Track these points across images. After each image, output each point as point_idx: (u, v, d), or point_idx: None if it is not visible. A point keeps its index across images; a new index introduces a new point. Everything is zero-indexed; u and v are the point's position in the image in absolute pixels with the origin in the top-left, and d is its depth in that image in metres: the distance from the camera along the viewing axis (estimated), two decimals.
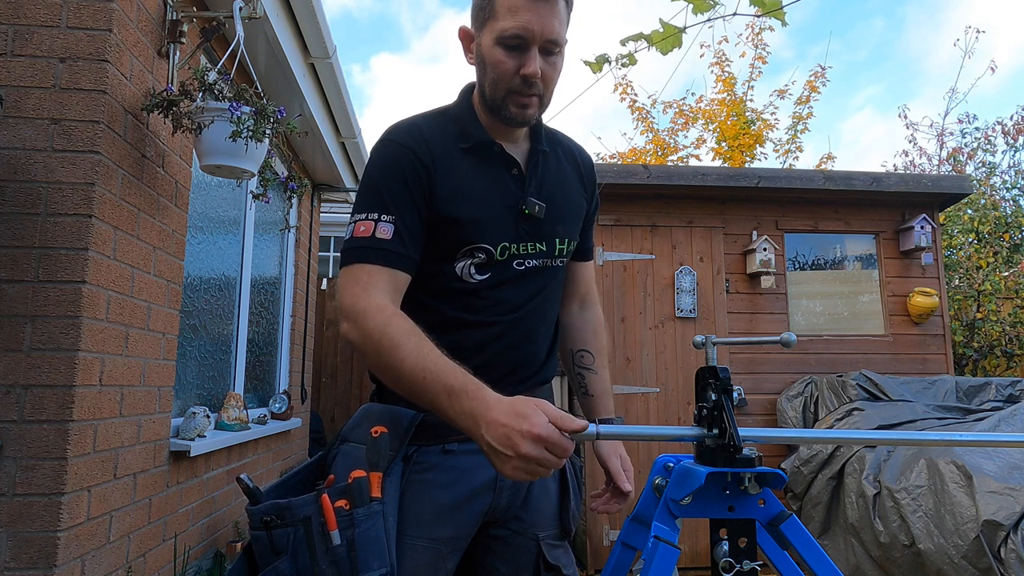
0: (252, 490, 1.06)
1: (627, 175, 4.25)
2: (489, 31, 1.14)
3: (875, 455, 3.31)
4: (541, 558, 1.21)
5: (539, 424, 0.89)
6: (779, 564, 0.98)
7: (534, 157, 1.26)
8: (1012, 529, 2.55)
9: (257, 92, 2.39)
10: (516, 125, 1.20)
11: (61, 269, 2.01)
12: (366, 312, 1.07)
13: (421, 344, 1.02)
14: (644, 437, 0.98)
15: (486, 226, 1.18)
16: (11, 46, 2.09)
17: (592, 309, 1.47)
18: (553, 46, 1.13)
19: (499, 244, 1.19)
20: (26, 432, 1.95)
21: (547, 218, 1.24)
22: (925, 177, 4.75)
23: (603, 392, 1.41)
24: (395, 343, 1.03)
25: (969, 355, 5.95)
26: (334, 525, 1.03)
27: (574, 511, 1.29)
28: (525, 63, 1.12)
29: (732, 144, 9.04)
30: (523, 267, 1.22)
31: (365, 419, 1.19)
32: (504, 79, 1.14)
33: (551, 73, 1.16)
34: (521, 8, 1.10)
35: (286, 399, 4.32)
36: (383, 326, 1.04)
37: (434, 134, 1.20)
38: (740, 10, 1.66)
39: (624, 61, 1.84)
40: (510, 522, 1.22)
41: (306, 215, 5.02)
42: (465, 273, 1.19)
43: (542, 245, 1.24)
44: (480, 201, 1.18)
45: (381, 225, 1.12)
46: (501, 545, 1.22)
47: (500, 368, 1.20)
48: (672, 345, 4.22)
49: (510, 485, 1.21)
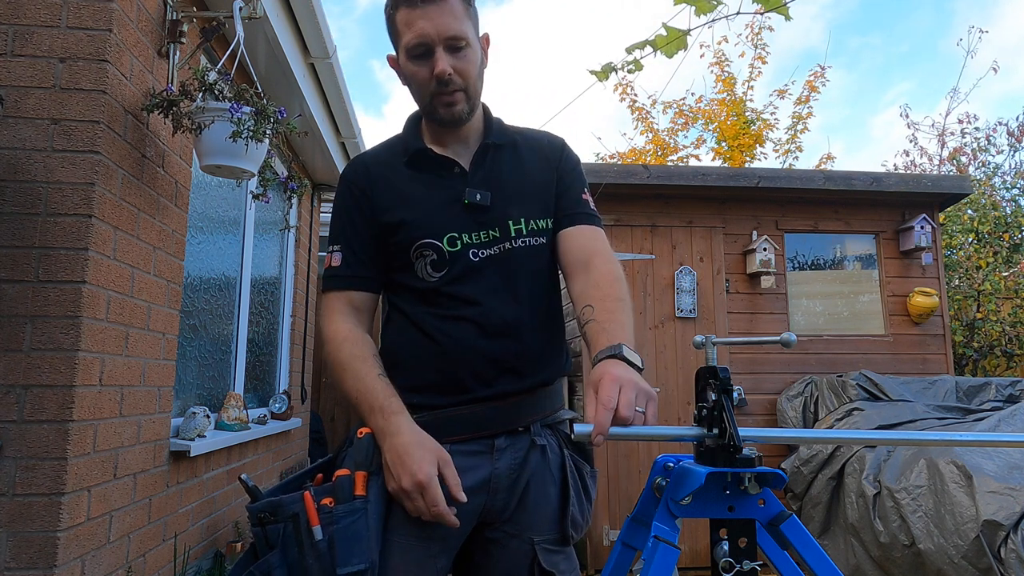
0: (252, 489, 1.12)
1: (627, 175, 4.25)
2: (401, 50, 1.24)
3: (875, 455, 3.31)
4: (536, 563, 1.19)
5: (423, 472, 1.07)
6: (779, 564, 0.98)
7: (481, 151, 1.30)
8: (1012, 529, 2.55)
9: (257, 92, 2.39)
10: (452, 124, 1.27)
11: (61, 269, 2.01)
12: (327, 338, 1.25)
13: (360, 367, 1.18)
14: (644, 437, 0.98)
15: (426, 222, 1.24)
16: (11, 46, 2.09)
17: (597, 268, 1.26)
18: (456, 41, 1.20)
19: (444, 236, 1.23)
20: (26, 432, 1.95)
21: (496, 204, 1.26)
22: (925, 177, 4.75)
23: (600, 331, 1.13)
24: (342, 366, 1.20)
25: (969, 355, 5.96)
26: (315, 521, 1.07)
27: (576, 517, 1.25)
28: (434, 64, 1.20)
29: (732, 144, 9.04)
30: (478, 257, 1.24)
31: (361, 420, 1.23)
32: (424, 86, 1.23)
33: (464, 66, 1.22)
34: (415, 19, 1.19)
35: (286, 399, 4.32)
36: (336, 352, 1.22)
37: (378, 158, 1.32)
38: (742, 9, 1.65)
39: (631, 67, 1.83)
40: (506, 525, 1.21)
41: (306, 215, 5.02)
42: (424, 273, 1.24)
43: (495, 231, 1.25)
44: (417, 202, 1.26)
45: (335, 255, 1.28)
46: (496, 547, 1.21)
47: (484, 364, 1.20)
48: (672, 345, 4.22)
49: (505, 487, 1.20)
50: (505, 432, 1.21)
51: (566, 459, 1.26)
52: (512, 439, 1.22)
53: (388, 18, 1.25)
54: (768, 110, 9.36)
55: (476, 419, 1.20)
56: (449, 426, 1.19)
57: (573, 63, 28.48)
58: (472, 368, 1.21)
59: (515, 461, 1.21)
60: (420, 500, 1.08)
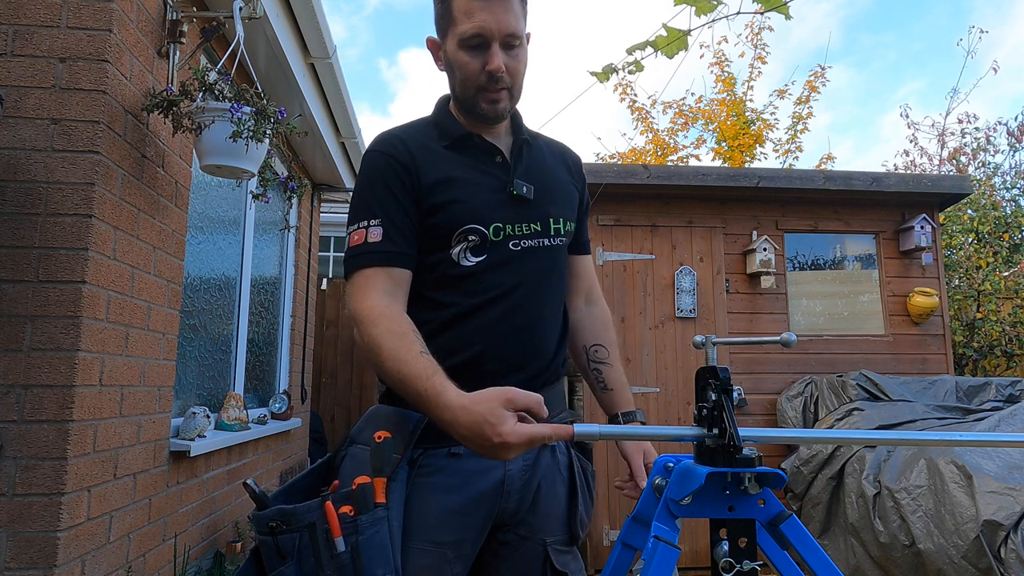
0: (259, 495, 1.08)
1: (627, 175, 4.25)
2: (451, 37, 1.20)
3: (875, 455, 3.31)
4: (549, 564, 1.20)
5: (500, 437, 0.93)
6: (779, 564, 0.98)
7: (517, 146, 1.29)
8: (1012, 529, 2.55)
9: (257, 92, 2.39)
10: (491, 121, 1.25)
11: (61, 269, 2.01)
12: (361, 317, 1.13)
13: (401, 345, 1.06)
14: (644, 437, 0.98)
15: (476, 207, 1.21)
16: (11, 46, 2.08)
17: (598, 303, 1.47)
18: (513, 39, 1.18)
19: (491, 224, 1.21)
20: (26, 432, 1.95)
21: (537, 199, 1.26)
22: (925, 177, 4.75)
23: (621, 385, 1.40)
24: (379, 344, 1.08)
25: (969, 355, 5.95)
26: (338, 532, 1.04)
27: (583, 517, 1.26)
28: (488, 60, 1.17)
29: (732, 144, 9.03)
30: (519, 247, 1.23)
31: (372, 421, 1.20)
32: (471, 79, 1.20)
33: (516, 65, 1.20)
34: (476, 9, 1.15)
35: (286, 399, 4.32)
36: (372, 328, 1.10)
37: (414, 138, 1.25)
38: (742, 9, 1.65)
39: (631, 68, 1.83)
40: (518, 527, 1.21)
41: (306, 215, 5.02)
42: (461, 257, 1.21)
43: (536, 225, 1.25)
44: (467, 185, 1.22)
45: (371, 230, 1.18)
46: (508, 550, 1.21)
47: (504, 358, 1.20)
48: (672, 345, 4.22)
49: (518, 489, 1.20)
50: None
51: (573, 459, 1.28)
52: None
53: (444, 2, 1.20)
54: (768, 110, 9.36)
55: None
56: None
57: (573, 63, 28.46)
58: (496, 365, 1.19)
59: (527, 462, 1.21)
60: (528, 445, 0.95)
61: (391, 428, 1.14)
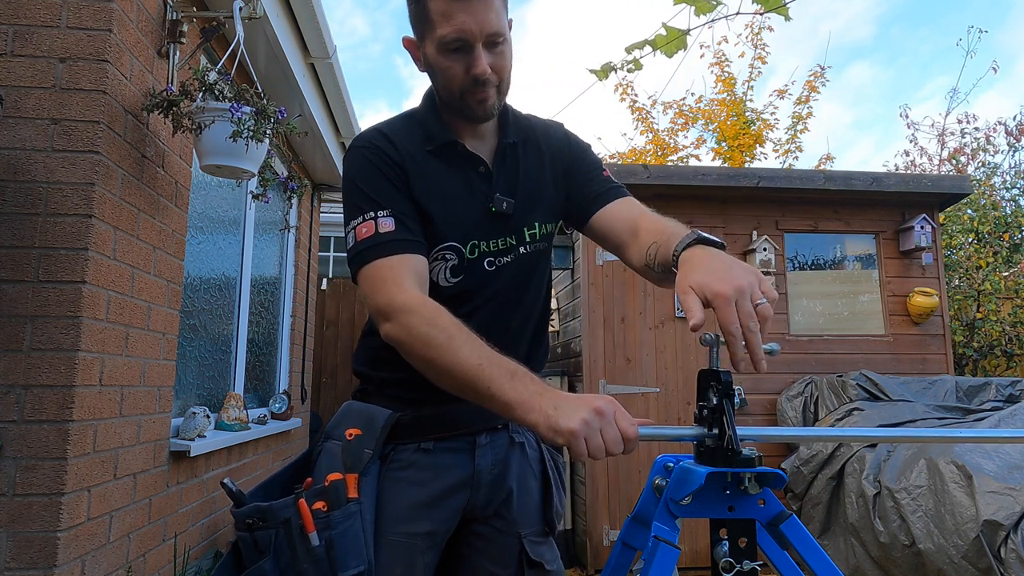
0: (236, 493, 1.12)
1: (627, 175, 4.24)
2: (430, 40, 1.13)
3: (875, 455, 3.31)
4: (524, 554, 1.23)
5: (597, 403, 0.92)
6: (779, 564, 0.98)
7: (501, 152, 1.25)
8: (1012, 529, 2.55)
9: (257, 92, 2.39)
10: (480, 120, 1.20)
11: (61, 269, 2.01)
12: (407, 307, 1.04)
13: (471, 334, 1.01)
14: (643, 437, 0.98)
15: (456, 224, 1.18)
16: (11, 46, 2.08)
17: (648, 219, 1.22)
18: (496, 38, 1.12)
19: (468, 242, 1.19)
20: (26, 432, 1.95)
21: (517, 212, 1.23)
22: (925, 177, 4.75)
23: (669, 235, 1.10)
24: (449, 334, 1.00)
25: (969, 355, 5.95)
26: (312, 527, 1.07)
27: (557, 508, 1.31)
28: (472, 63, 1.11)
29: (732, 144, 9.03)
30: (493, 267, 1.22)
31: (346, 417, 1.22)
32: (455, 82, 1.14)
33: (500, 63, 1.15)
34: (455, 11, 1.09)
35: (286, 399, 4.32)
36: (431, 318, 1.03)
37: (399, 136, 1.20)
38: (742, 9, 1.65)
39: (630, 67, 1.83)
40: (493, 520, 1.24)
41: (306, 215, 5.02)
42: (440, 277, 1.19)
43: (512, 239, 1.23)
44: (450, 200, 1.19)
45: (381, 220, 1.11)
46: (485, 543, 1.25)
47: None
48: (672, 345, 4.22)
49: (488, 482, 1.23)
50: (486, 429, 1.24)
51: (544, 453, 1.32)
52: (492, 436, 1.25)
53: (418, 2, 1.13)
54: (768, 110, 9.36)
55: (458, 417, 1.21)
56: (432, 424, 1.20)
57: (573, 63, 28.46)
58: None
59: (496, 457, 1.24)
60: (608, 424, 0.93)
61: (362, 426, 1.17)
